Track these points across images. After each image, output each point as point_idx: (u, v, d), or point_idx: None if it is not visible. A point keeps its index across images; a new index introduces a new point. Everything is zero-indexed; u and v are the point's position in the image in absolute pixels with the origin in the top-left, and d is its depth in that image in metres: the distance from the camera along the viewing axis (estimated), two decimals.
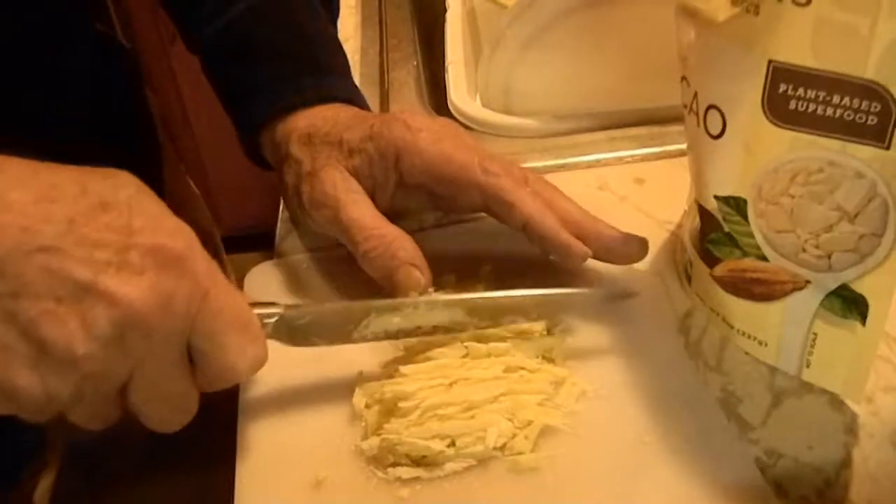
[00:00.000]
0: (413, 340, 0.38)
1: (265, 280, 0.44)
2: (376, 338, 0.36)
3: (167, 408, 0.31)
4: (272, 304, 0.35)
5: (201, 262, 0.29)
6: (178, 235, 0.29)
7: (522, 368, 0.36)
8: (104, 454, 0.53)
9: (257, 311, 0.33)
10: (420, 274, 0.38)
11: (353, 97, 0.46)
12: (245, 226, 1.29)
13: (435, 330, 0.36)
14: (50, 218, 0.26)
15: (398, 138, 0.40)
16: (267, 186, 0.49)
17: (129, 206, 0.28)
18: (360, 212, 0.40)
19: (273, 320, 0.34)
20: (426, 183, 0.41)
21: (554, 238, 0.38)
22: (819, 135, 0.30)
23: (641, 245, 0.40)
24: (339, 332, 0.36)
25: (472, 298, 0.37)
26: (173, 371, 0.29)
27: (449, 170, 0.40)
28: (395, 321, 0.36)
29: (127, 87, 0.51)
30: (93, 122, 0.46)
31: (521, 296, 0.37)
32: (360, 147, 0.41)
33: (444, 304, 0.36)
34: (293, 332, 0.35)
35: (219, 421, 0.38)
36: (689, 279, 0.41)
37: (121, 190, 0.28)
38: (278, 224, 0.48)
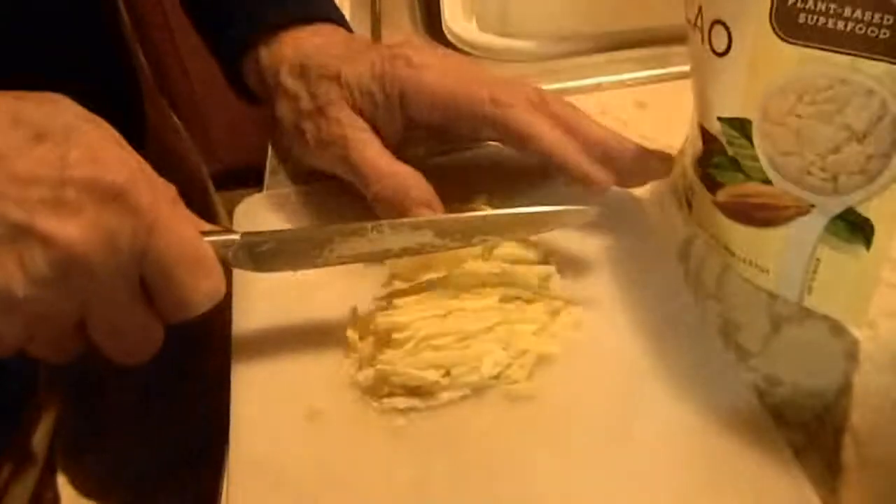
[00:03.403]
0: (402, 268, 0.37)
1: (254, 213, 0.43)
2: (341, 261, 0.35)
3: (128, 341, 0.30)
4: (228, 230, 0.33)
5: (145, 194, 0.27)
6: (118, 167, 0.27)
7: (518, 298, 0.36)
8: (103, 390, 0.53)
9: (212, 239, 0.31)
10: (434, 214, 0.37)
11: (338, 20, 0.44)
12: (241, 161, 1.27)
13: (404, 252, 0.35)
14: None
15: (402, 77, 0.39)
16: (263, 121, 0.47)
17: (66, 135, 0.26)
18: (370, 151, 0.38)
19: (231, 248, 0.33)
20: (435, 121, 0.39)
21: (575, 169, 0.37)
22: (829, 50, 0.29)
23: (664, 160, 0.39)
24: (304, 257, 0.35)
25: (439, 220, 0.35)
26: (127, 307, 0.29)
27: (457, 106, 0.38)
28: (361, 245, 0.35)
29: (104, 21, 0.49)
30: (68, 56, 0.44)
31: (493, 214, 0.36)
32: (363, 88, 0.39)
33: (411, 226, 0.35)
34: (256, 258, 0.34)
35: (217, 350, 0.37)
36: (689, 206, 0.40)
37: (58, 117, 0.27)
38: (268, 157, 0.47)
